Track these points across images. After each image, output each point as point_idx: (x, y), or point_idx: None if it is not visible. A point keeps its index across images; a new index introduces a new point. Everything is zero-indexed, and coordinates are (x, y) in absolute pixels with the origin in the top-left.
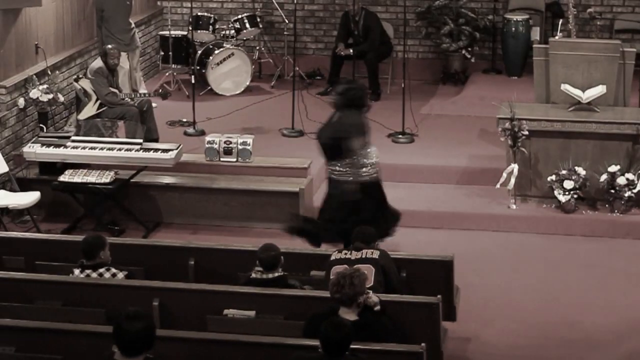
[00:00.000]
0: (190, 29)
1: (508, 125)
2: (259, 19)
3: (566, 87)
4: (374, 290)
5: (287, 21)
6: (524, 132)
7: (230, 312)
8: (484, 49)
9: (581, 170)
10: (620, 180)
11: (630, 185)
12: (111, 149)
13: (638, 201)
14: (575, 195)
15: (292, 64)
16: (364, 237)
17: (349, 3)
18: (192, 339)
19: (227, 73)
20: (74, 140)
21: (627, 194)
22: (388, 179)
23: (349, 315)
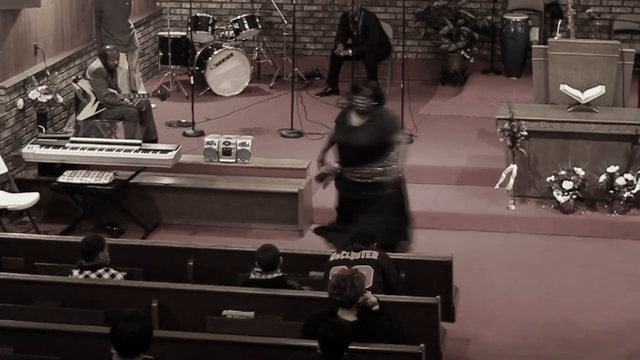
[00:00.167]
0: (189, 29)
1: (507, 126)
2: (258, 20)
3: (565, 88)
4: (373, 291)
5: (286, 22)
6: (523, 133)
7: (229, 313)
8: (483, 50)
9: (580, 171)
10: (619, 180)
11: (629, 186)
12: (110, 150)
13: (637, 201)
14: (574, 196)
15: (291, 65)
16: (363, 238)
17: (348, 4)
18: (191, 340)
19: (226, 74)
20: (73, 141)
21: (626, 194)
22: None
23: (348, 316)
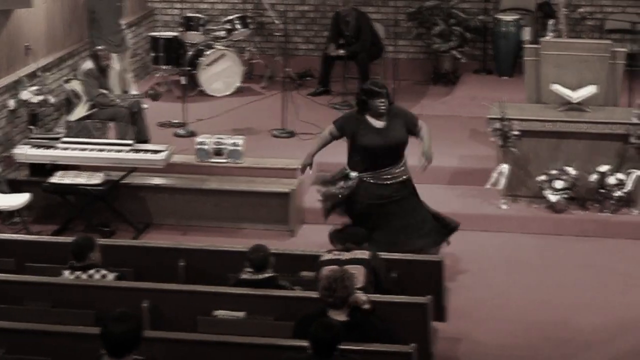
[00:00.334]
0: (181, 30)
1: (498, 126)
2: (249, 20)
3: (556, 87)
4: (365, 291)
5: (278, 22)
6: (514, 132)
7: (220, 313)
8: (475, 49)
9: (571, 170)
10: (610, 180)
11: (620, 185)
12: (102, 150)
13: (628, 201)
14: (566, 195)
15: (283, 65)
16: (355, 238)
17: (339, 4)
18: (182, 340)
19: (218, 74)
20: (64, 142)
21: (617, 193)
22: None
23: (339, 316)
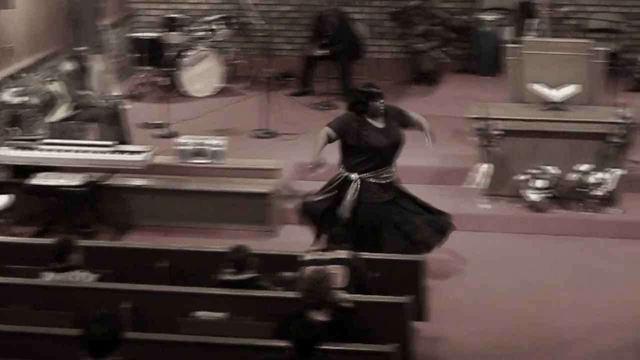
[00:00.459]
0: (163, 30)
1: (480, 125)
2: (231, 21)
3: (538, 87)
4: (346, 291)
5: (260, 22)
6: (496, 132)
7: (202, 314)
8: (457, 49)
9: (552, 170)
10: (591, 179)
11: (601, 184)
12: (83, 152)
13: (609, 200)
14: (547, 195)
15: (266, 65)
16: (336, 238)
17: (322, 4)
18: (164, 341)
19: (201, 74)
20: (46, 143)
21: (598, 192)
22: None
23: (320, 316)
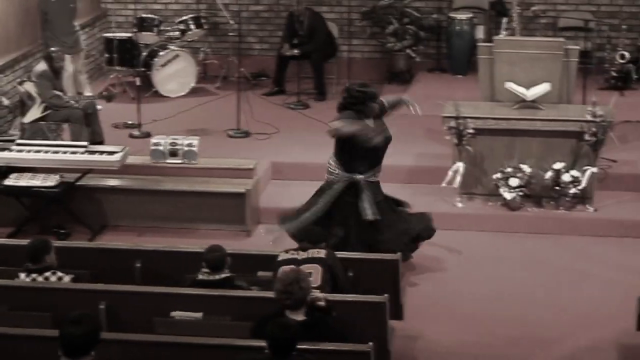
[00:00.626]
0: (134, 31)
1: (453, 124)
2: (203, 20)
3: (510, 85)
4: (322, 290)
5: (232, 22)
6: (469, 131)
7: (178, 314)
8: (429, 48)
9: (526, 168)
10: (565, 177)
11: (575, 182)
12: (56, 152)
13: (583, 198)
14: (521, 193)
15: (237, 65)
16: (311, 237)
17: (293, 3)
18: (140, 342)
19: (173, 74)
20: (18, 144)
21: (572, 190)
22: None
23: (297, 315)
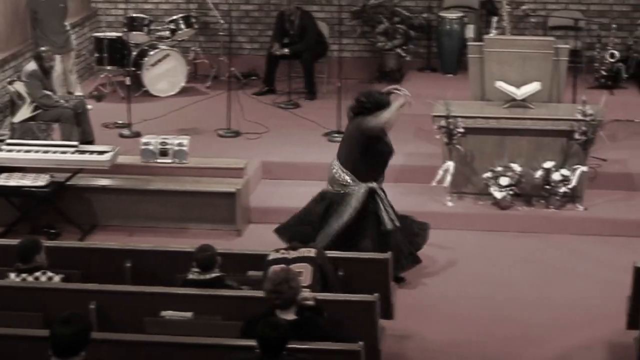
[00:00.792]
0: (125, 30)
1: (444, 123)
2: (194, 20)
3: (501, 84)
4: (312, 289)
5: (222, 21)
6: (459, 130)
7: (168, 314)
8: (419, 47)
9: (516, 167)
10: (555, 176)
11: (565, 181)
12: (46, 152)
13: (573, 197)
14: (511, 192)
15: (228, 65)
16: (301, 237)
17: (283, 3)
18: (130, 342)
19: (163, 74)
20: (8, 144)
21: (562, 189)
22: (325, 178)
23: (287, 315)
